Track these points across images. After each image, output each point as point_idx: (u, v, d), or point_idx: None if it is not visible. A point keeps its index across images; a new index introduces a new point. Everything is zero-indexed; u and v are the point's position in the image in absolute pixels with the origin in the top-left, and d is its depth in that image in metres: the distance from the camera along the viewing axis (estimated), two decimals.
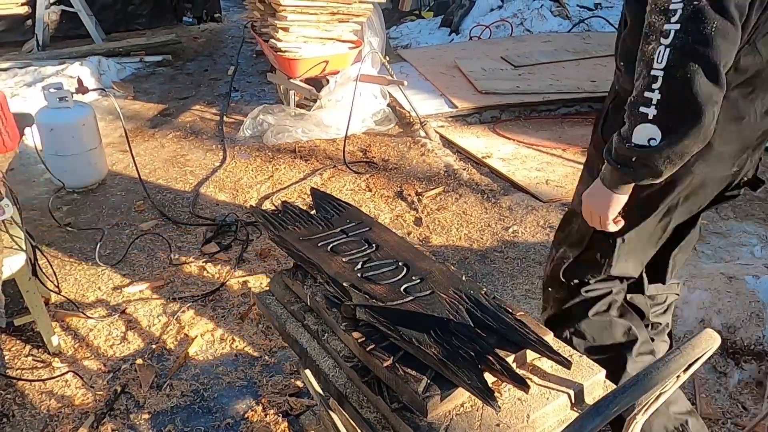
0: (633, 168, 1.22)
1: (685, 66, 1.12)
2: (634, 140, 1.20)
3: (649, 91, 1.16)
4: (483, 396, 1.02)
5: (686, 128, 1.15)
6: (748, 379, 2.13)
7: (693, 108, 1.14)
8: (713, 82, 1.13)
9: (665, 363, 0.97)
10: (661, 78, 1.14)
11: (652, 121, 1.17)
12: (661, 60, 1.14)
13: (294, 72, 4.29)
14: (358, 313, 1.22)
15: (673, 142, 1.16)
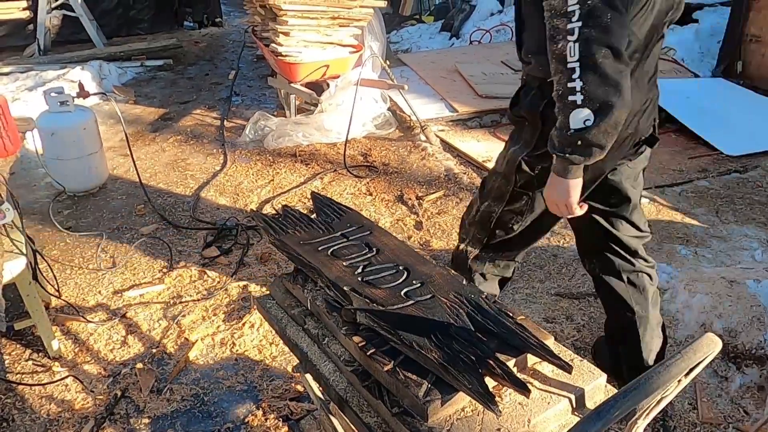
0: (580, 151, 1.42)
1: (594, 54, 1.35)
2: (572, 126, 1.39)
3: (571, 81, 1.37)
4: (484, 400, 1.02)
5: (611, 102, 1.37)
6: (750, 384, 2.12)
7: (611, 85, 1.36)
8: (619, 60, 1.37)
9: (666, 367, 0.97)
10: (578, 68, 1.36)
11: (582, 106, 1.37)
12: (574, 54, 1.36)
13: (295, 76, 4.30)
14: (359, 317, 1.22)
15: (605, 117, 1.37)
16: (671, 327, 2.41)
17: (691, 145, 4.27)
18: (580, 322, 2.50)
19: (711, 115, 4.57)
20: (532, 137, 1.70)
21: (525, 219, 1.85)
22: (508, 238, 1.92)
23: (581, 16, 1.34)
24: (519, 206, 1.82)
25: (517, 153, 1.75)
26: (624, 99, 1.38)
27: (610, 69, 1.36)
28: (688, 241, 3.09)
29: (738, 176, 3.80)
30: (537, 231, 1.93)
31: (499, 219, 1.88)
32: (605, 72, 1.35)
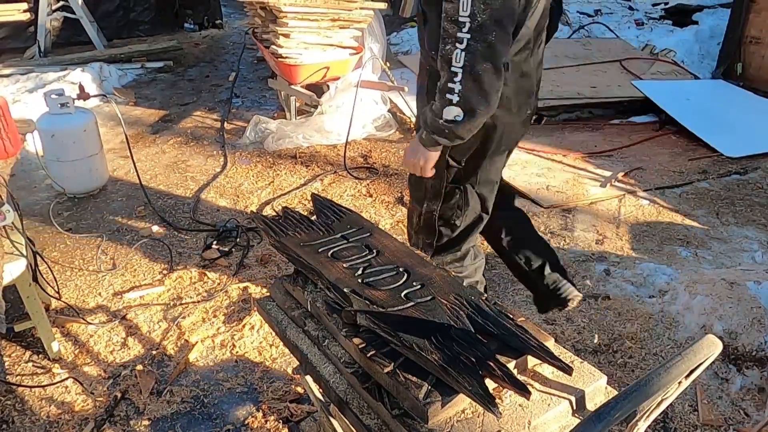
0: (445, 137, 1.67)
1: (476, 66, 1.53)
2: (444, 117, 1.61)
3: (451, 83, 1.57)
4: (484, 402, 1.02)
5: (480, 110, 1.60)
6: (750, 386, 2.12)
7: (484, 96, 1.58)
8: (497, 76, 1.58)
9: (667, 369, 0.96)
10: (460, 74, 1.55)
11: (456, 105, 1.59)
12: (459, 60, 1.54)
13: (295, 78, 4.30)
14: (359, 319, 1.22)
15: (472, 119, 1.62)
16: (672, 328, 2.41)
17: (691, 146, 4.28)
18: (581, 323, 2.50)
19: (711, 116, 4.57)
20: None
21: (464, 213, 2.01)
22: (455, 236, 2.06)
23: (470, 29, 1.50)
24: (455, 201, 1.98)
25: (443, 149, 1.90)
26: (490, 107, 1.63)
27: (487, 82, 1.56)
28: (688, 243, 3.09)
29: (738, 178, 3.80)
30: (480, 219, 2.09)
31: (441, 217, 2.02)
32: (482, 84, 1.56)
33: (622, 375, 2.22)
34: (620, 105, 4.92)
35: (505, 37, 1.56)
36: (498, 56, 1.55)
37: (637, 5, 7.58)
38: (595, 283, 2.76)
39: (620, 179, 3.76)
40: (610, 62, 5.57)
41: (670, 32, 6.42)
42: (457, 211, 2.00)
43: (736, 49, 5.31)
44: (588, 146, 4.29)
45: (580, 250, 3.03)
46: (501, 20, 1.53)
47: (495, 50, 1.53)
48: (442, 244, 2.07)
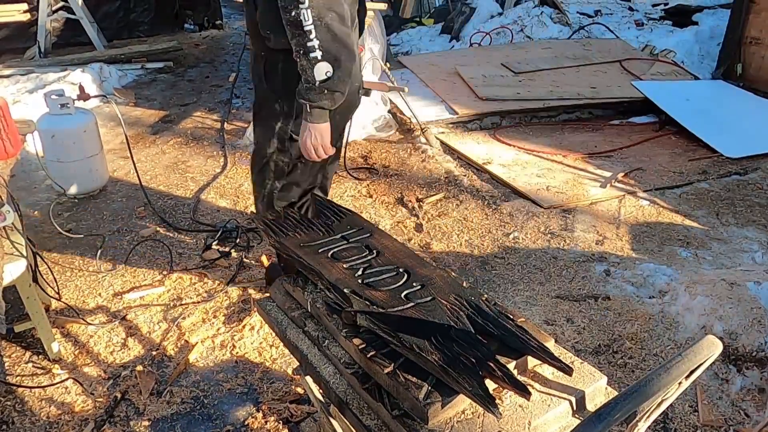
0: (328, 98, 1.77)
1: (324, 17, 1.70)
2: (317, 79, 1.72)
3: (310, 41, 1.70)
4: (484, 403, 1.02)
5: (343, 56, 1.74)
6: (750, 386, 2.12)
7: (340, 42, 1.73)
8: (343, 23, 1.74)
9: (667, 369, 0.96)
10: (313, 30, 1.69)
11: (322, 60, 1.72)
12: (308, 18, 1.69)
13: None
14: (359, 320, 1.22)
15: (340, 69, 1.74)
16: (672, 329, 2.41)
17: (691, 147, 4.28)
18: (581, 324, 2.50)
19: (711, 117, 4.58)
20: (292, 108, 2.00)
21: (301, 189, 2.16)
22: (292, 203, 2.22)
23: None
24: (296, 177, 2.11)
25: (283, 127, 2.03)
26: (351, 53, 1.77)
27: (338, 30, 1.73)
28: (688, 243, 3.09)
29: (738, 178, 3.80)
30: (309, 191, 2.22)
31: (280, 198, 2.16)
32: (335, 32, 1.72)
33: (623, 375, 2.22)
34: (620, 105, 4.92)
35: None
36: (338, 6, 1.73)
37: (637, 6, 7.58)
38: (595, 284, 2.76)
39: (620, 180, 3.76)
40: (610, 63, 5.57)
41: (670, 33, 6.42)
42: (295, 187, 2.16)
43: (736, 50, 5.31)
44: (588, 147, 4.29)
45: (580, 250, 3.03)
46: None
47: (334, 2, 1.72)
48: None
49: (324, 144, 1.88)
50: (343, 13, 1.74)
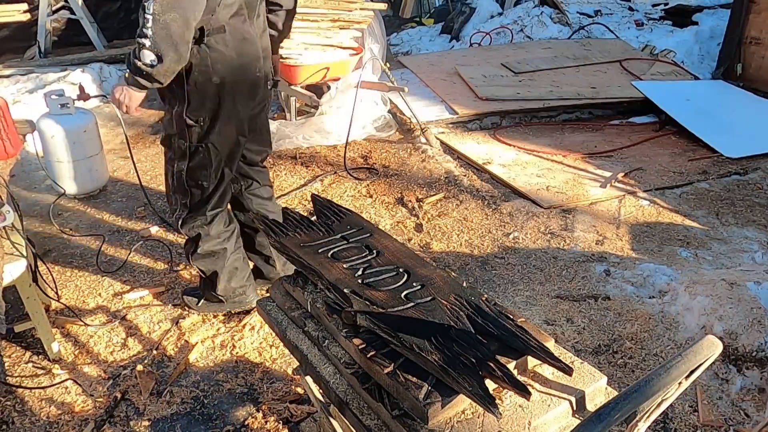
0: (144, 77, 1.89)
1: (165, 15, 1.78)
2: (143, 60, 1.84)
3: (146, 28, 1.80)
4: (484, 403, 1.02)
5: (169, 56, 1.84)
6: (750, 386, 2.12)
7: (172, 44, 1.83)
8: (185, 27, 1.83)
9: (667, 370, 0.96)
10: (151, 20, 1.79)
11: (150, 49, 1.82)
12: (150, 9, 1.78)
13: (295, 78, 4.30)
14: (359, 320, 1.22)
15: (164, 64, 1.85)
16: (672, 329, 2.41)
17: (691, 147, 4.28)
18: (581, 324, 2.50)
19: (711, 117, 4.58)
20: (184, 94, 2.05)
21: (210, 173, 2.19)
22: (206, 197, 2.24)
23: None
24: (200, 159, 2.15)
25: (179, 111, 2.08)
26: (180, 57, 1.87)
27: (176, 32, 1.81)
28: (688, 243, 3.09)
29: (738, 178, 3.80)
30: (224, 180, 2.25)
31: (190, 177, 2.19)
32: (170, 32, 1.80)
33: (623, 375, 2.22)
34: (620, 105, 4.92)
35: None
36: (186, 9, 1.80)
37: (636, 6, 7.58)
38: (595, 284, 2.76)
39: (620, 180, 3.76)
40: (610, 63, 5.57)
41: (670, 33, 6.42)
42: (203, 171, 2.18)
43: (736, 50, 5.31)
44: (588, 147, 4.29)
45: (580, 250, 3.03)
46: None
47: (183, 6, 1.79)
48: (195, 204, 2.26)
49: (129, 105, 2.01)
50: (188, 18, 1.82)
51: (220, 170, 2.22)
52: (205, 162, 2.16)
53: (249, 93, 2.17)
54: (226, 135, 2.16)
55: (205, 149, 2.14)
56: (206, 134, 2.12)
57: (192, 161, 2.16)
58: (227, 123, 2.14)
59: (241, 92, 2.13)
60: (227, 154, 2.20)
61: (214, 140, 2.14)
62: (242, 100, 2.15)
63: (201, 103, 2.05)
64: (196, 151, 2.14)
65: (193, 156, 2.15)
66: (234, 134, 2.19)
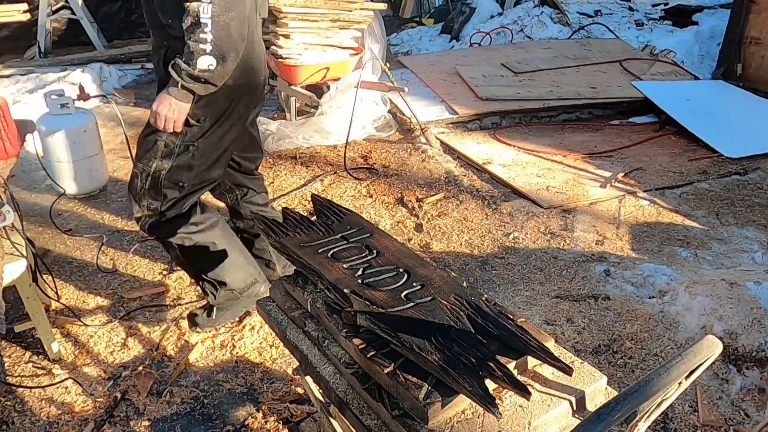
0: (201, 86, 1.86)
1: (224, 15, 1.77)
2: (199, 67, 1.80)
3: (203, 33, 1.77)
4: (484, 403, 1.02)
5: (231, 56, 1.84)
6: (750, 386, 2.12)
7: (232, 42, 1.82)
8: (242, 26, 1.84)
9: (667, 370, 0.96)
10: (210, 24, 1.76)
11: (210, 54, 1.79)
12: (207, 12, 1.75)
13: (295, 78, 4.30)
14: (359, 320, 1.22)
15: (224, 65, 1.84)
16: (672, 329, 2.41)
17: (691, 147, 4.28)
18: (581, 324, 2.50)
19: (711, 117, 4.58)
20: None
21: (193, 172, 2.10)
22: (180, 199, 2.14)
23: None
24: (187, 159, 2.06)
25: None
26: (238, 55, 1.87)
27: (235, 30, 1.81)
28: (688, 243, 3.09)
29: (738, 178, 3.80)
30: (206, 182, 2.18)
31: (169, 178, 2.08)
32: (230, 32, 1.79)
33: (623, 375, 2.22)
34: (620, 105, 4.92)
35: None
36: (240, 8, 1.80)
37: (636, 6, 7.58)
38: (595, 284, 2.76)
39: (620, 180, 3.76)
40: (610, 63, 5.57)
41: (670, 33, 6.42)
42: (186, 172, 2.09)
43: (736, 50, 5.31)
44: (588, 147, 4.29)
45: (580, 250, 3.03)
46: None
47: (237, 3, 1.78)
48: (167, 207, 2.13)
49: (177, 120, 1.94)
50: (244, 16, 1.82)
51: (203, 173, 2.13)
52: (192, 163, 2.08)
53: (254, 96, 2.16)
54: (222, 137, 2.10)
55: (195, 149, 2.06)
56: (203, 134, 2.05)
57: (177, 161, 2.06)
58: (230, 125, 2.10)
59: (248, 95, 2.11)
60: (217, 157, 2.13)
61: (209, 141, 2.07)
62: (248, 102, 2.13)
63: (209, 102, 1.99)
64: (185, 150, 2.05)
65: (180, 155, 2.06)
66: (231, 137, 2.14)
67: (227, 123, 2.09)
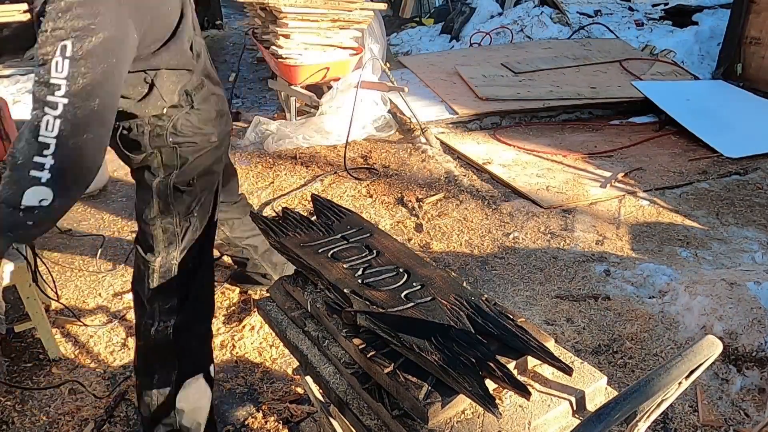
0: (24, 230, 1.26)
1: (78, 136, 1.24)
2: (24, 203, 1.23)
3: (40, 156, 1.22)
4: (484, 403, 1.02)
5: (78, 187, 1.31)
6: (750, 386, 2.12)
7: (85, 172, 1.29)
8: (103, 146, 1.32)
9: (667, 369, 0.96)
10: (53, 145, 1.22)
11: (46, 184, 1.23)
12: (52, 129, 1.22)
13: (295, 79, 4.30)
14: (359, 320, 1.22)
15: (65, 200, 1.28)
16: (672, 329, 2.41)
17: (691, 147, 4.28)
18: (581, 324, 2.50)
19: (711, 117, 4.58)
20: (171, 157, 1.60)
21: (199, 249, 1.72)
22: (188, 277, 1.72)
23: (68, 94, 1.22)
24: (191, 235, 1.69)
25: (165, 181, 1.61)
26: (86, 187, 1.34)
27: (91, 156, 1.29)
28: (688, 243, 3.09)
29: (738, 178, 3.80)
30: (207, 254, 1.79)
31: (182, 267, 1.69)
32: (84, 158, 1.28)
33: (623, 375, 2.22)
34: (620, 105, 4.92)
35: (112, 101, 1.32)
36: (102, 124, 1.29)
37: (636, 6, 7.58)
38: (595, 284, 2.76)
39: (620, 180, 3.76)
40: (610, 63, 5.57)
41: (670, 33, 6.42)
42: (197, 247, 1.71)
43: (736, 50, 5.31)
44: (588, 147, 4.29)
45: (580, 250, 3.03)
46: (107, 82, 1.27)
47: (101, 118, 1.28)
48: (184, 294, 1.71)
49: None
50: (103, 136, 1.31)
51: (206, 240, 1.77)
52: (194, 236, 1.70)
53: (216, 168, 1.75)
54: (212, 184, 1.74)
55: (195, 218, 1.69)
56: (196, 199, 1.68)
57: (182, 242, 1.68)
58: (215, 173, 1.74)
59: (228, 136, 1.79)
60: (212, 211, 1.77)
61: (206, 203, 1.72)
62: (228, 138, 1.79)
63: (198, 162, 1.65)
64: (188, 226, 1.68)
65: (184, 235, 1.68)
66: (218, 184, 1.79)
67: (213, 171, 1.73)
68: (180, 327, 1.71)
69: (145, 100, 1.52)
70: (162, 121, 1.57)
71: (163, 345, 1.71)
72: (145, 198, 1.64)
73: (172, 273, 1.68)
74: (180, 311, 1.71)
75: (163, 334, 1.70)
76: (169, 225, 1.65)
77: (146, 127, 1.56)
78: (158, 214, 1.64)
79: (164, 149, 1.60)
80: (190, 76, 1.58)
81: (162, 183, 1.62)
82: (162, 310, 1.70)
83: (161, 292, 1.69)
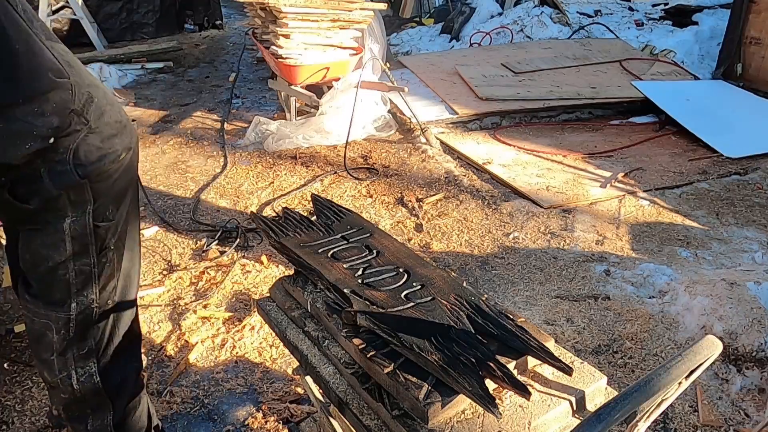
0: None
1: None
2: None
3: None
4: (484, 403, 1.02)
5: None
6: (750, 386, 2.12)
7: None
8: None
9: (667, 369, 0.96)
10: None
11: None
12: None
13: (295, 78, 4.30)
14: (359, 320, 1.22)
15: None
16: (672, 329, 2.41)
17: (691, 147, 4.28)
18: (581, 324, 2.50)
19: (711, 117, 4.58)
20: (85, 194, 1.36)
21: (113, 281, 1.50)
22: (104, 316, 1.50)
23: None
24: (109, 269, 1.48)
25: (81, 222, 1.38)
26: None
27: None
28: (688, 243, 3.09)
29: (738, 178, 3.80)
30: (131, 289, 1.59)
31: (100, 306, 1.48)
32: None
33: (623, 375, 2.22)
34: (620, 105, 4.92)
35: None
36: None
37: (636, 6, 7.58)
38: (595, 284, 2.76)
39: (620, 180, 3.76)
40: (610, 63, 5.57)
41: (670, 33, 6.42)
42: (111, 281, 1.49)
43: (736, 50, 5.31)
44: (588, 147, 4.29)
45: (580, 250, 3.03)
46: None
47: None
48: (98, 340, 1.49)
49: None
50: None
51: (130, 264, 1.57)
52: (113, 270, 1.49)
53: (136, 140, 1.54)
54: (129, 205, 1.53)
55: (111, 252, 1.47)
56: (115, 230, 1.47)
57: (99, 280, 1.45)
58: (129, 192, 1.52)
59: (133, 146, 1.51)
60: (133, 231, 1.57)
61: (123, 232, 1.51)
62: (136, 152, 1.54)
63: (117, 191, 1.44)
64: (105, 261, 1.46)
65: (101, 272, 1.45)
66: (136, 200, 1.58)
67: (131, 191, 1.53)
68: (107, 368, 1.51)
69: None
70: (58, 154, 1.29)
71: (91, 394, 1.51)
72: (49, 242, 1.38)
73: (92, 317, 1.46)
74: (103, 351, 1.50)
75: (89, 382, 1.49)
76: (84, 266, 1.42)
77: (42, 168, 1.29)
78: (71, 256, 1.39)
79: (73, 188, 1.34)
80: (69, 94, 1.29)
81: (76, 223, 1.38)
82: (77, 357, 1.47)
83: (76, 339, 1.45)
